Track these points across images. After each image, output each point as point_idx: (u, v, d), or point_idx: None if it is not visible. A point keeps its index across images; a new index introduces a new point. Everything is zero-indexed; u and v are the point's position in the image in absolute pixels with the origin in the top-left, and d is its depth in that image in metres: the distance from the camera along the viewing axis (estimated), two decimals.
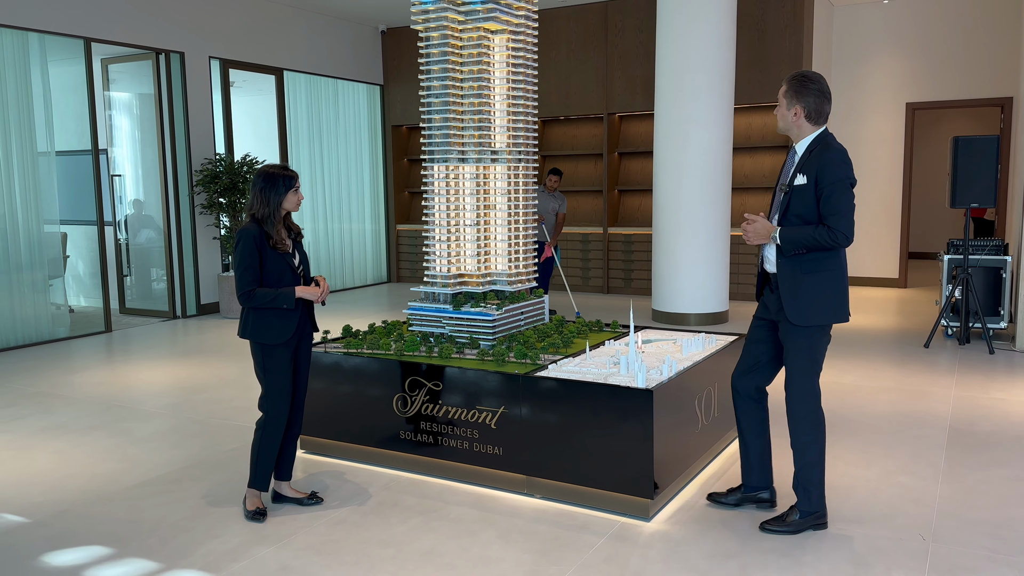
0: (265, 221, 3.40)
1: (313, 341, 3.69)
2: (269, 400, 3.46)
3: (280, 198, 3.40)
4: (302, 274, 3.54)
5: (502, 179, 4.42)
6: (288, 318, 3.43)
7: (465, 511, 3.52)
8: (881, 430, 4.59)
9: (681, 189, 7.66)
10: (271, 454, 3.48)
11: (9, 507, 3.64)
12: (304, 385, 3.62)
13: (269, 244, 3.39)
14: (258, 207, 3.40)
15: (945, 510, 3.48)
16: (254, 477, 3.49)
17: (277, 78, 9.76)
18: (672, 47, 7.59)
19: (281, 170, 3.43)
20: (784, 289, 3.17)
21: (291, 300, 3.40)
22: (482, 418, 3.69)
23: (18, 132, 7.16)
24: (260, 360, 3.45)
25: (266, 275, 3.40)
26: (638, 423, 3.29)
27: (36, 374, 6.22)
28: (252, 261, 3.35)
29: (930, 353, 6.53)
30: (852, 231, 3.05)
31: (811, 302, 3.13)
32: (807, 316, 3.13)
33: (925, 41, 9.85)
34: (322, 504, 3.62)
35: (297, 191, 3.46)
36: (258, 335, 3.40)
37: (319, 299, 3.49)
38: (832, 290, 3.14)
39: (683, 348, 4.09)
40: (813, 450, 3.19)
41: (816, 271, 3.13)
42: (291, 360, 3.49)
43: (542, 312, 4.65)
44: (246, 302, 3.37)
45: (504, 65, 4.39)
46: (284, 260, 3.43)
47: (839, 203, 3.03)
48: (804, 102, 3.14)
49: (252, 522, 3.43)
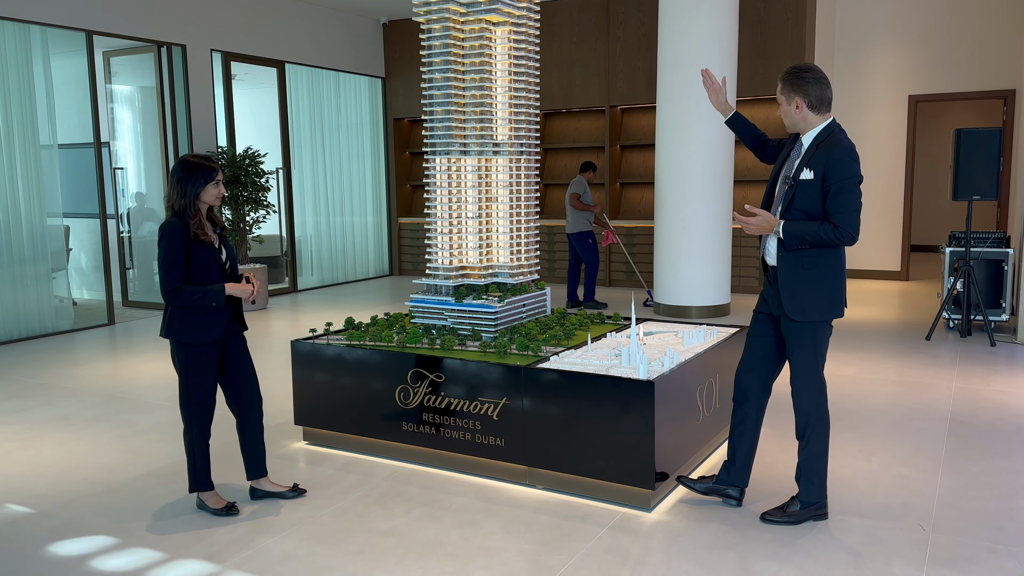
0: (183, 213, 3.26)
1: (245, 340, 3.51)
2: (189, 405, 3.33)
3: (198, 190, 3.26)
4: (229, 270, 3.40)
5: (504, 171, 4.42)
6: (216, 316, 3.31)
7: (467, 502, 3.54)
8: (882, 422, 4.60)
9: (683, 182, 7.65)
10: (203, 458, 3.39)
11: (14, 498, 3.67)
12: (250, 380, 3.49)
13: (192, 238, 3.24)
14: (175, 199, 3.25)
15: (946, 501, 3.49)
16: (194, 481, 3.40)
17: (279, 71, 9.76)
18: (674, 39, 7.58)
19: (202, 160, 3.29)
20: (784, 284, 3.17)
21: (221, 297, 3.27)
22: (484, 409, 3.70)
23: (20, 125, 7.17)
24: (182, 361, 3.30)
25: (192, 271, 3.25)
26: (639, 414, 3.30)
27: (40, 366, 6.24)
28: (178, 257, 3.21)
29: (932, 346, 6.53)
30: (858, 230, 3.04)
31: (810, 298, 3.13)
32: (807, 312, 3.13)
33: (927, 33, 9.82)
34: (305, 495, 3.60)
35: (218, 184, 3.30)
36: (184, 334, 3.27)
37: (250, 297, 3.35)
38: (831, 287, 3.14)
39: (684, 340, 4.09)
40: (818, 442, 3.20)
41: (816, 267, 3.13)
42: (216, 362, 3.37)
43: (544, 304, 4.66)
44: (173, 300, 3.23)
45: (506, 57, 4.39)
46: (211, 255, 3.29)
47: (846, 201, 3.02)
48: (802, 92, 3.13)
49: (228, 516, 3.39)
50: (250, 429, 3.54)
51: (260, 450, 3.57)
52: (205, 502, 3.45)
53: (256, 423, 3.55)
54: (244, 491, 3.67)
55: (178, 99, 8.60)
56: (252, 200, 8.59)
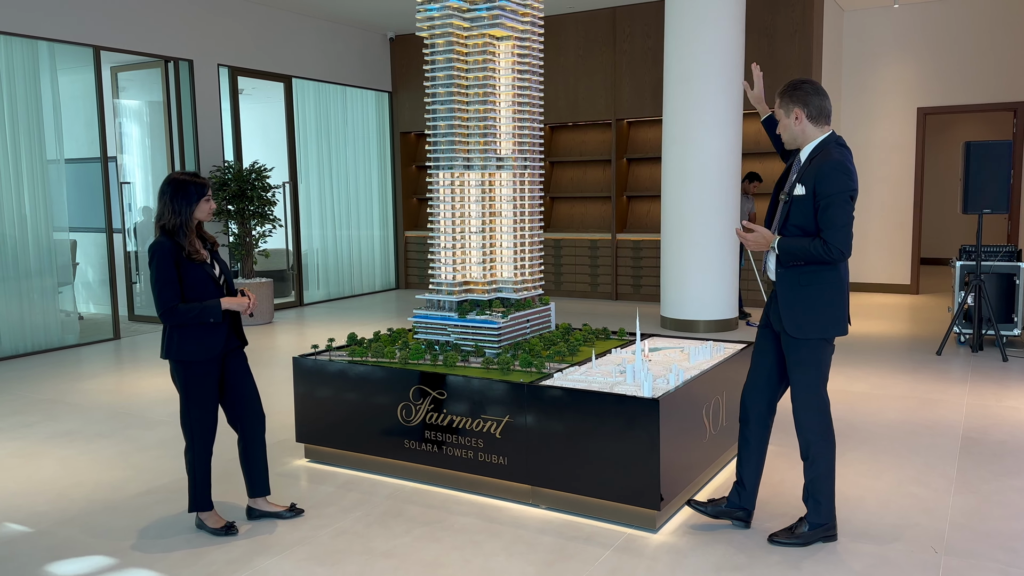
0: (176, 232, 3.21)
1: (245, 355, 3.47)
2: (190, 424, 3.28)
3: (191, 207, 3.22)
4: (224, 285, 3.37)
5: (508, 186, 4.39)
6: (215, 333, 3.27)
7: (469, 521, 3.48)
8: (892, 439, 4.52)
9: (690, 195, 7.61)
10: (204, 477, 3.35)
11: (14, 516, 3.64)
12: (251, 397, 3.45)
13: (184, 256, 3.21)
14: (168, 217, 3.21)
15: (958, 522, 3.42)
16: (194, 501, 3.35)
17: (286, 85, 9.79)
18: (681, 52, 7.56)
19: (192, 177, 3.26)
20: (783, 300, 3.12)
21: (218, 313, 3.23)
22: (487, 427, 3.66)
23: (27, 140, 7.19)
24: (182, 379, 3.26)
25: (187, 290, 3.22)
26: (644, 433, 3.24)
27: (44, 381, 6.23)
28: (171, 276, 3.17)
29: (942, 360, 6.45)
30: (848, 245, 2.97)
31: (809, 315, 3.07)
32: (805, 329, 3.08)
33: (936, 45, 9.78)
34: (303, 515, 3.56)
35: (209, 200, 3.27)
36: (183, 353, 3.23)
37: (248, 310, 3.31)
38: (831, 303, 3.08)
39: (690, 356, 4.04)
40: (823, 462, 3.14)
41: (813, 284, 3.07)
42: (217, 380, 3.33)
43: (548, 319, 4.62)
44: (169, 319, 3.19)
45: (510, 72, 4.37)
46: (204, 272, 3.26)
47: (835, 216, 2.96)
48: (801, 103, 3.09)
49: (227, 536, 3.35)
50: (252, 447, 3.49)
51: (262, 469, 3.53)
52: (204, 521, 3.41)
53: (258, 441, 3.50)
54: (242, 510, 3.63)
55: (185, 114, 8.63)
56: (258, 214, 8.60)
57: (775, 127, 3.50)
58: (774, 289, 3.23)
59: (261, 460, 3.52)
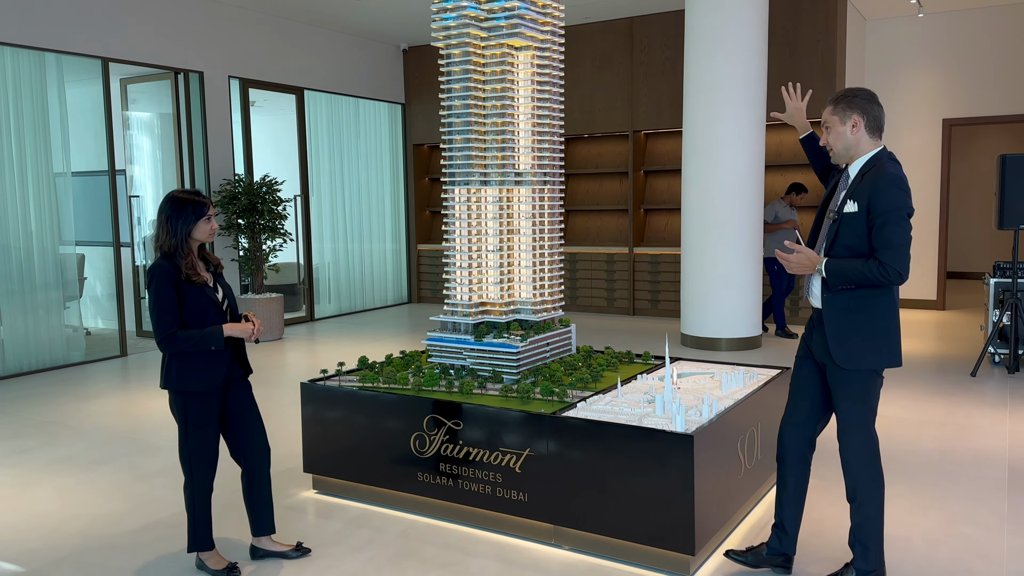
0: (173, 254, 3.02)
1: (249, 384, 3.26)
2: (189, 458, 3.08)
3: (189, 227, 3.02)
4: (227, 310, 3.16)
5: (527, 202, 4.18)
6: (217, 361, 3.06)
7: (487, 564, 3.25)
8: (933, 470, 4.26)
9: (711, 208, 7.38)
10: (204, 515, 3.13)
11: (4, 554, 3.43)
12: (255, 429, 3.25)
13: (184, 279, 3.01)
14: (165, 239, 3.01)
15: (1016, 569, 3.16)
16: (193, 541, 3.13)
17: (297, 97, 9.63)
18: (702, 63, 7.34)
19: (191, 195, 3.06)
20: (830, 328, 2.87)
21: (220, 340, 3.02)
22: (506, 460, 3.43)
23: (34, 153, 7.05)
24: (181, 411, 3.06)
25: (187, 315, 3.01)
26: (677, 471, 3.01)
27: (47, 402, 6.05)
28: (170, 301, 2.97)
29: (977, 382, 6.17)
30: (907, 267, 2.72)
31: (860, 344, 2.83)
32: (856, 360, 2.83)
33: (961, 55, 9.52)
34: (310, 555, 3.34)
35: (210, 220, 3.06)
36: (184, 383, 3.02)
37: (252, 336, 3.10)
38: (885, 332, 2.83)
39: (722, 384, 3.80)
40: (872, 504, 2.89)
41: (865, 309, 2.82)
42: (218, 411, 3.13)
43: (569, 343, 4.39)
44: (169, 347, 2.98)
45: (529, 83, 4.17)
46: (206, 296, 3.05)
47: (893, 235, 2.72)
48: (860, 110, 2.86)
49: None
50: (256, 482, 3.28)
51: (267, 505, 3.31)
52: (205, 562, 3.19)
53: (263, 476, 3.28)
54: (245, 547, 3.41)
55: (195, 126, 8.48)
56: (269, 228, 8.43)
57: (814, 144, 3.28)
58: (814, 316, 3.00)
59: (266, 497, 3.30)
